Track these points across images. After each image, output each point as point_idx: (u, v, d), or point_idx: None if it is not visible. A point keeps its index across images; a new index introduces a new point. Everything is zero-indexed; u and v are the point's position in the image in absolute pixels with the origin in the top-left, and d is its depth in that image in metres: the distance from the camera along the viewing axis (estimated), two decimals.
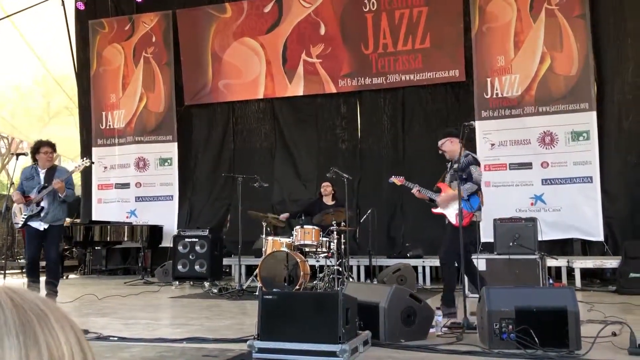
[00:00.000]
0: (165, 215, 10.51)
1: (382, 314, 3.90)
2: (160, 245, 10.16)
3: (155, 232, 10.14)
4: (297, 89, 10.23)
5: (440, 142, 5.36)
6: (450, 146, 5.31)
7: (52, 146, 6.30)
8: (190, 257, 8.45)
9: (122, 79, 11.11)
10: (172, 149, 10.74)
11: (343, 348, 3.27)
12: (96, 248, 10.40)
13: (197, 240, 8.51)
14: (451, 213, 5.20)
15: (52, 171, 6.18)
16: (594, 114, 8.52)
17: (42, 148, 6.20)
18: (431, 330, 4.13)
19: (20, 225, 6.16)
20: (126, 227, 9.86)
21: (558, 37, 8.76)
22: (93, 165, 9.47)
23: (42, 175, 6.16)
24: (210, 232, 8.62)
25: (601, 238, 8.31)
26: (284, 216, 8.00)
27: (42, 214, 6.01)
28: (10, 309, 0.64)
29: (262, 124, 10.69)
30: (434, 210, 5.54)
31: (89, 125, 11.38)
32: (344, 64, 9.96)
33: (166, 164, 10.74)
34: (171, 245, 9.01)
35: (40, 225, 6.02)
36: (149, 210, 10.57)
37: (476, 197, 5.19)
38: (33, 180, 6.17)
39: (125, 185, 10.91)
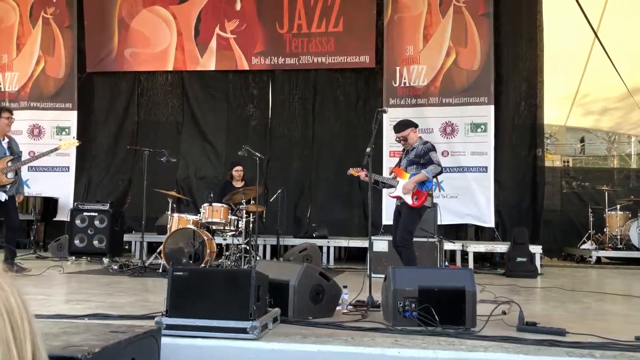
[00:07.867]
0: (61, 187, 9.97)
1: (291, 291, 3.95)
2: (54, 219, 9.64)
3: (49, 204, 9.61)
4: (208, 63, 10.01)
5: (403, 133, 5.59)
6: (413, 136, 5.63)
7: (12, 112, 6.01)
8: (89, 231, 8.10)
9: (16, 38, 10.30)
10: (71, 118, 10.15)
11: (254, 325, 3.29)
12: None
13: (96, 214, 8.18)
14: (408, 196, 5.42)
15: (7, 140, 5.87)
16: (492, 107, 9.06)
17: (4, 113, 5.80)
18: (337, 307, 4.25)
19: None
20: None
21: (463, 33, 9.19)
22: None
23: (4, 144, 5.80)
24: (111, 207, 8.31)
25: (492, 224, 8.91)
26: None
27: (16, 184, 5.92)
28: None
29: (170, 97, 10.36)
30: (391, 194, 5.74)
31: None
32: (258, 42, 9.86)
33: (63, 132, 10.13)
34: (67, 219, 8.58)
35: (2, 196, 5.76)
36: (43, 181, 9.95)
37: (430, 182, 5.49)
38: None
39: None
